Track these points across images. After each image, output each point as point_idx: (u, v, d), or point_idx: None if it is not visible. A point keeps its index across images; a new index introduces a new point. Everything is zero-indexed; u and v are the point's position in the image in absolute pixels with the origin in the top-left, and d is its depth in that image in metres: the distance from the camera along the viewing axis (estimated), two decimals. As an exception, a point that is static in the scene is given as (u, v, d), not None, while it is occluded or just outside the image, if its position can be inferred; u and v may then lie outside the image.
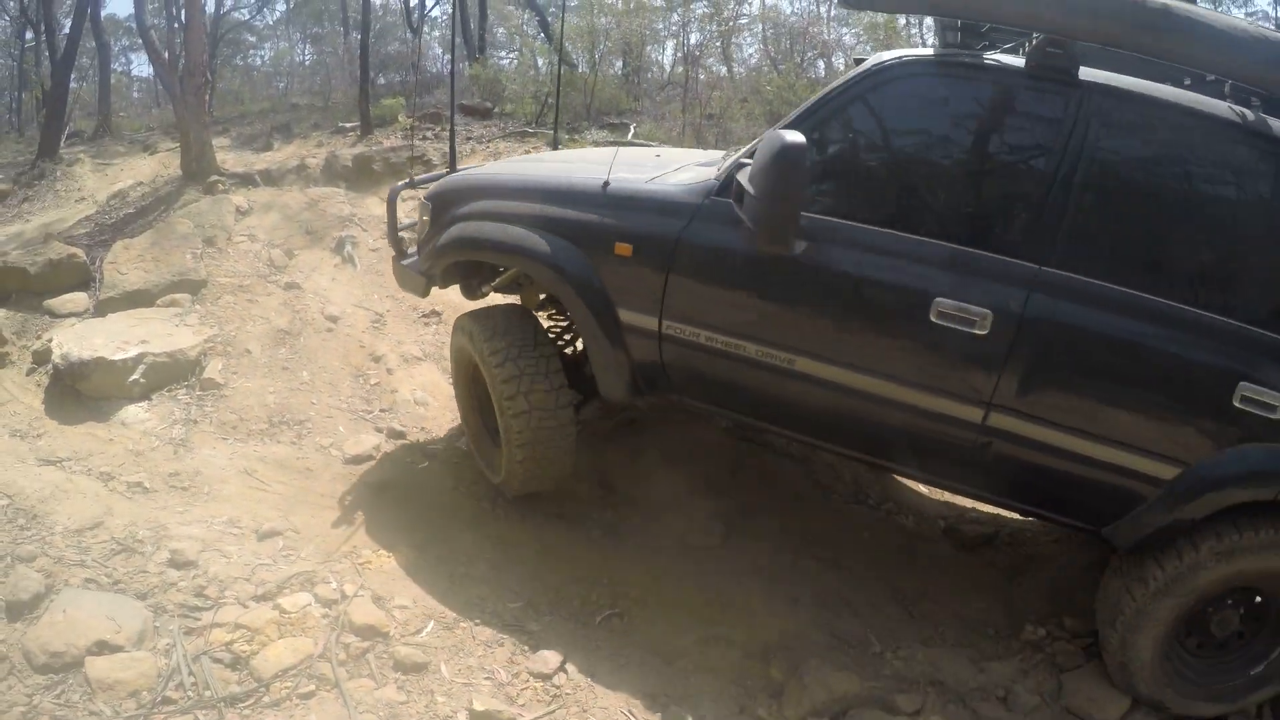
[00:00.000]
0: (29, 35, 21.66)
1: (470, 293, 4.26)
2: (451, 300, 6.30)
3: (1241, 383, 2.66)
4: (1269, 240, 2.75)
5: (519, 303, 4.11)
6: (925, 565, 4.28)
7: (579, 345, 4.03)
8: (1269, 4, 20.12)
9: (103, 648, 2.87)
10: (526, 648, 3.30)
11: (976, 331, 2.80)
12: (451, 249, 3.65)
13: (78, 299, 6.59)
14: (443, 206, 3.77)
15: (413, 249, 4.25)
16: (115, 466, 4.39)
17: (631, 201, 3.25)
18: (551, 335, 4.03)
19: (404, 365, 5.71)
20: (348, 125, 12.84)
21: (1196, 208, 2.84)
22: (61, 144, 14.84)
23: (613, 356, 3.38)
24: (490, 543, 3.99)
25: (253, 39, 31.89)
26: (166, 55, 10.48)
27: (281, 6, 30.67)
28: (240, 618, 3.12)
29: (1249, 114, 2.73)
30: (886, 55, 3.02)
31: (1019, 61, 2.93)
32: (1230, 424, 2.72)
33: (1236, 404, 2.68)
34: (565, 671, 3.20)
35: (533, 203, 3.42)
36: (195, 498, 4.13)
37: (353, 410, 5.20)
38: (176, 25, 12.71)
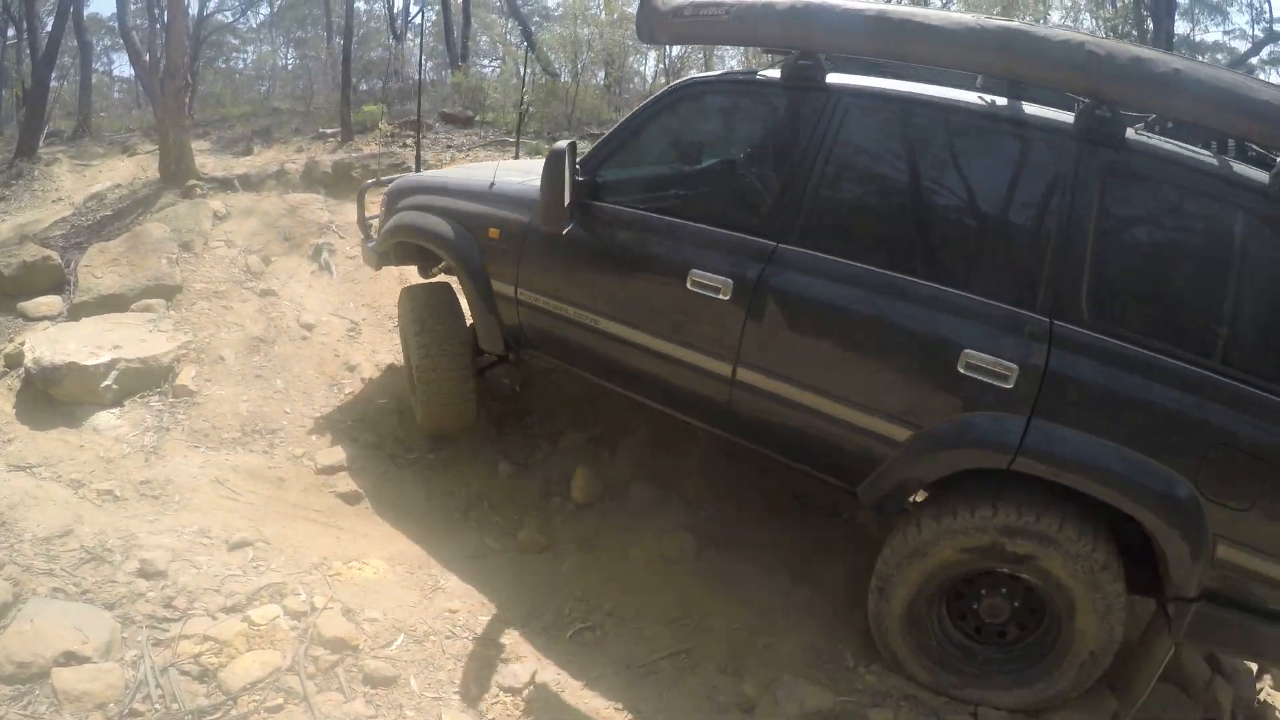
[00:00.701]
0: (10, 32, 21.39)
1: (424, 272, 5.08)
2: None
3: (965, 350, 2.83)
4: (994, 217, 3.04)
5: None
6: None
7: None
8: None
9: (70, 659, 2.85)
10: (497, 661, 3.32)
11: (720, 297, 3.25)
12: (391, 233, 4.51)
13: (52, 302, 6.56)
14: (393, 200, 4.65)
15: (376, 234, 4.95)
16: (86, 473, 4.37)
17: (503, 198, 4.03)
18: None
19: (379, 375, 5.69)
20: (328, 131, 12.79)
21: (928, 189, 3.17)
22: (40, 143, 14.63)
23: (488, 319, 4.13)
24: (463, 556, 4.01)
25: (236, 42, 31.75)
26: (148, 57, 10.39)
27: (265, 10, 30.56)
28: (209, 630, 3.11)
29: (995, 100, 3.00)
30: (683, 80, 3.80)
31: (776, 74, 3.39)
32: (956, 391, 2.87)
33: (961, 370, 2.84)
34: (536, 686, 3.21)
35: (446, 198, 4.26)
36: (166, 506, 4.12)
37: (326, 420, 5.18)
38: (158, 26, 12.63)
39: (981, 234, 3.06)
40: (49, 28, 15.60)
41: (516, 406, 5.51)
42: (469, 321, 4.44)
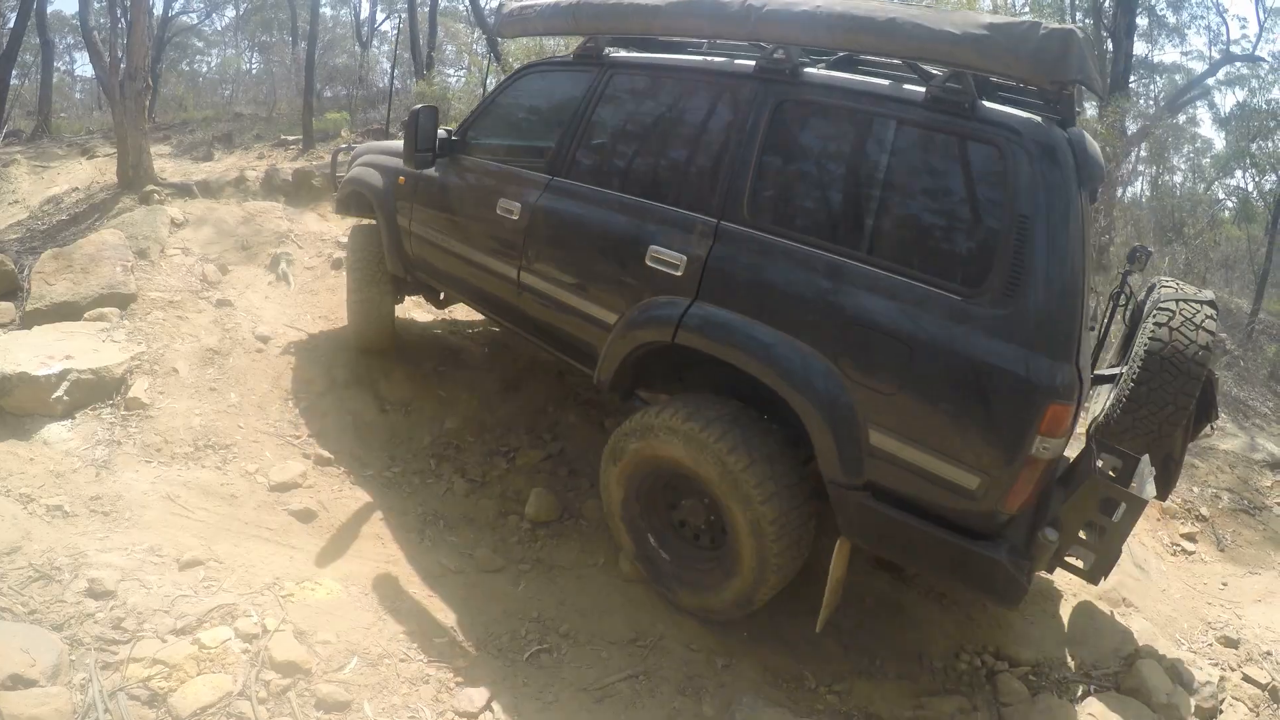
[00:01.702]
0: None
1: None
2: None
3: (651, 246, 3.44)
4: (691, 144, 3.63)
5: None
6: (860, 596, 4.30)
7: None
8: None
9: (16, 682, 2.80)
10: (452, 685, 3.31)
11: (513, 218, 4.09)
12: (344, 184, 5.68)
13: (3, 309, 6.41)
14: (351, 160, 5.82)
15: None
16: (35, 488, 4.28)
17: None
18: None
19: (335, 389, 5.65)
20: (290, 138, 12.73)
21: (673, 131, 3.78)
22: None
23: (394, 248, 5.10)
24: (418, 577, 4.00)
25: (200, 44, 31.46)
26: (108, 57, 10.20)
27: (231, 13, 30.31)
28: (158, 652, 3.08)
29: (717, 61, 3.64)
30: (525, 63, 4.94)
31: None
32: (644, 280, 3.46)
33: (648, 263, 3.44)
34: (491, 710, 3.21)
35: (382, 156, 5.33)
36: (116, 523, 4.06)
37: (281, 435, 5.15)
38: (121, 25, 12.43)
39: (681, 158, 3.68)
40: (10, 24, 15.33)
41: (474, 420, 5.51)
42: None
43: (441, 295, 5.56)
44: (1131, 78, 16.92)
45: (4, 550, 3.55)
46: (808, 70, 3.28)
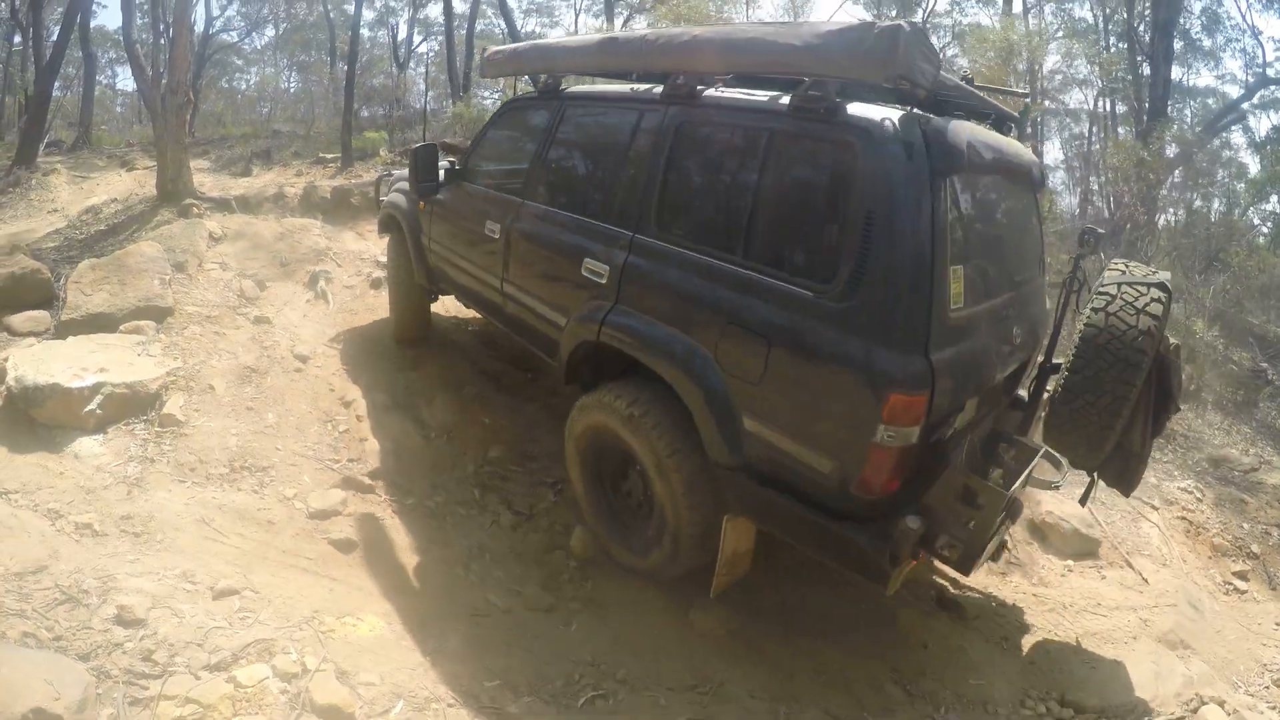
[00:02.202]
0: (16, 39, 21.30)
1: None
2: (427, 354, 6.18)
3: (585, 259, 3.84)
4: (616, 164, 3.94)
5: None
6: (923, 639, 4.15)
7: None
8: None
9: (40, 716, 2.58)
10: (505, 734, 3.07)
11: (496, 237, 4.60)
12: (381, 208, 6.33)
13: (39, 318, 6.31)
14: (387, 186, 6.48)
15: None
16: (64, 504, 4.12)
17: None
18: None
19: (375, 412, 5.46)
20: (328, 156, 12.69)
21: (605, 155, 4.16)
22: (40, 153, 14.50)
23: (420, 261, 5.65)
24: (464, 614, 3.77)
25: (240, 62, 31.97)
26: (150, 71, 10.21)
27: (270, 32, 30.61)
28: (191, 690, 2.86)
29: (640, 89, 4.03)
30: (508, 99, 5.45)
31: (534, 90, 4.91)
32: (582, 287, 3.85)
33: (583, 273, 3.84)
34: (544, 764, 2.97)
35: (405, 183, 5.86)
36: (147, 545, 3.86)
37: (319, 458, 4.95)
38: (163, 41, 12.53)
39: (607, 177, 4.02)
40: (55, 36, 15.46)
41: (518, 449, 5.29)
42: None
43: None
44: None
45: (30, 569, 3.37)
46: (705, 93, 3.60)
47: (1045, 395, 3.80)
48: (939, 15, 28.34)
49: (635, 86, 4.12)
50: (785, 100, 3.20)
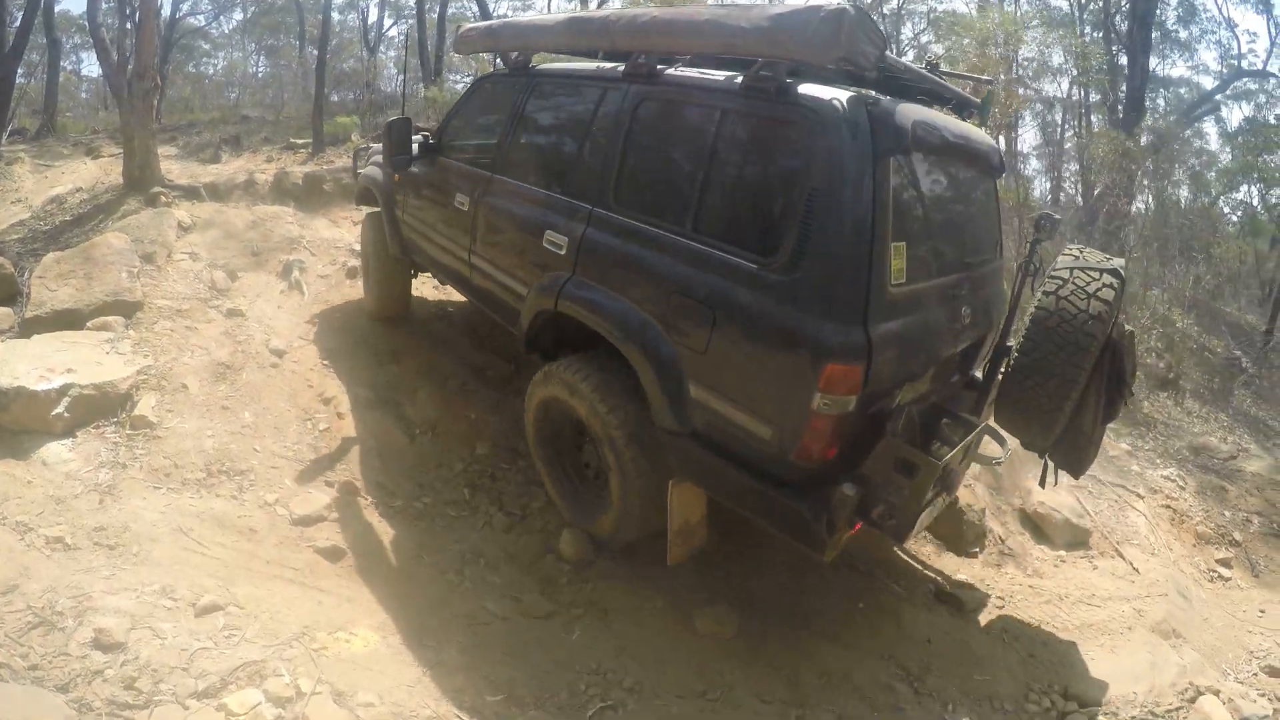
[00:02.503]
0: None
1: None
2: (409, 346, 6.06)
3: (546, 230, 3.93)
4: (579, 139, 4.04)
5: None
6: (925, 634, 4.10)
7: None
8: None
9: (16, 758, 2.41)
10: (514, 752, 2.92)
11: (464, 209, 4.72)
12: (358, 180, 6.41)
13: (2, 315, 6.05)
14: (365, 159, 6.56)
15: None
16: (33, 515, 3.89)
17: None
18: None
19: (357, 409, 5.27)
20: (299, 142, 12.38)
21: (570, 131, 4.24)
22: (2, 141, 14.16)
23: (394, 233, 5.69)
24: (461, 622, 3.61)
25: (207, 46, 31.25)
26: (116, 56, 9.86)
27: (238, 16, 30.02)
28: (179, 721, 2.68)
29: (604, 67, 4.16)
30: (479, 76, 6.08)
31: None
32: (542, 259, 3.94)
33: (544, 245, 3.92)
34: (557, 779, 2.82)
35: (381, 157, 5.83)
36: (123, 558, 3.65)
37: (300, 459, 4.76)
38: (129, 25, 12.28)
39: (570, 153, 4.10)
40: (18, 22, 15.08)
41: (507, 445, 5.13)
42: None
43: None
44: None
45: (0, 589, 3.16)
46: (665, 72, 3.69)
47: (997, 376, 3.83)
48: (913, 0, 28.54)
49: (600, 65, 4.28)
50: (739, 80, 3.28)
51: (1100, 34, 17.74)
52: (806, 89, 3.06)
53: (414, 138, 5.40)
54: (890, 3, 26.88)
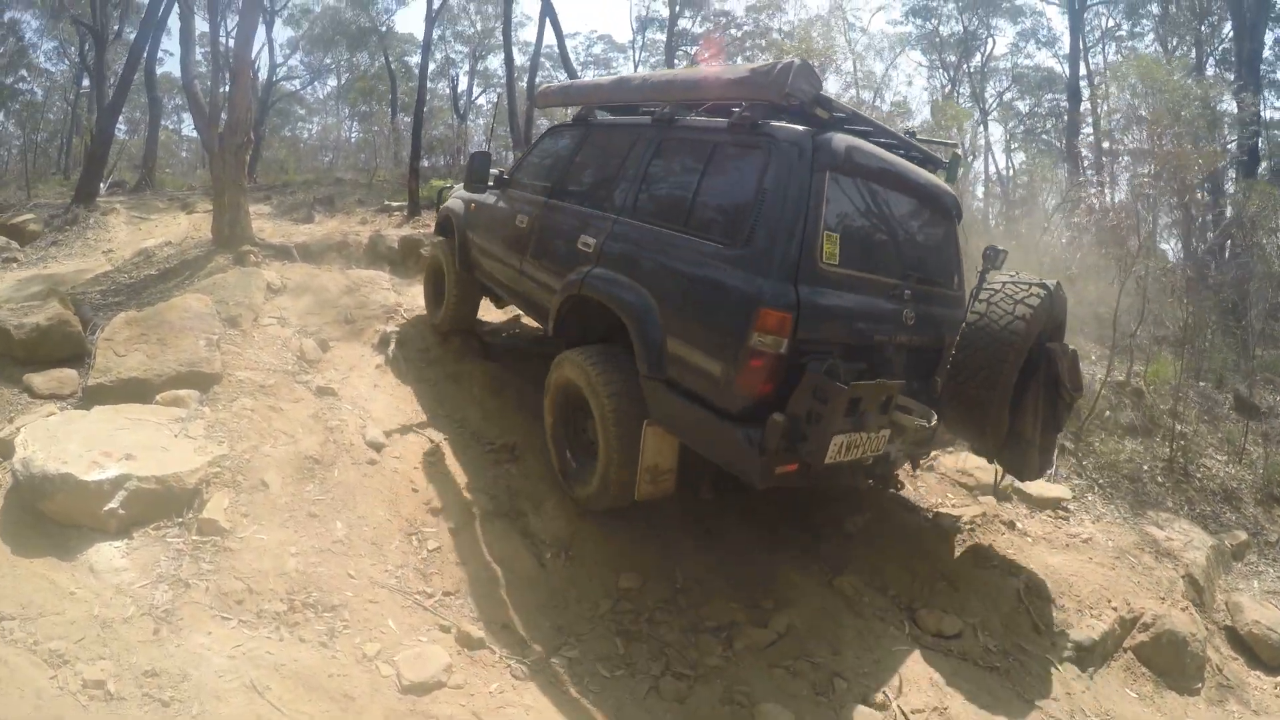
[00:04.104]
0: (85, 83, 21.68)
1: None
2: (529, 439, 5.12)
3: (581, 235, 4.61)
4: (614, 169, 4.78)
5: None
6: None
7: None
8: None
9: None
10: None
11: (524, 227, 5.43)
12: (439, 212, 7.23)
13: (65, 378, 5.29)
14: (449, 194, 7.27)
15: None
16: (72, 643, 3.06)
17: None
18: None
19: (472, 523, 4.25)
20: (394, 204, 11.86)
21: (614, 166, 4.82)
22: (102, 192, 14.63)
23: (463, 253, 6.39)
24: None
25: (302, 112, 32.15)
26: (209, 108, 9.42)
27: (332, 82, 30.54)
28: None
29: (640, 117, 5.00)
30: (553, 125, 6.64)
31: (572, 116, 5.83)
32: (577, 258, 4.58)
33: (579, 247, 4.58)
34: None
35: (463, 194, 6.74)
36: (178, 722, 2.66)
37: (406, 591, 3.73)
38: (224, 79, 12.23)
39: (608, 179, 4.80)
40: (118, 79, 15.25)
41: (660, 573, 4.11)
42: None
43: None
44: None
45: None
46: (681, 119, 4.51)
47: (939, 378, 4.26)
48: (996, 59, 28.14)
49: (640, 115, 5.07)
50: (725, 121, 4.15)
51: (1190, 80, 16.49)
52: (773, 124, 3.90)
53: (491, 172, 6.00)
54: (975, 60, 27.03)
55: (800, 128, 3.81)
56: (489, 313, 7.40)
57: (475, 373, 5.97)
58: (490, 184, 5.95)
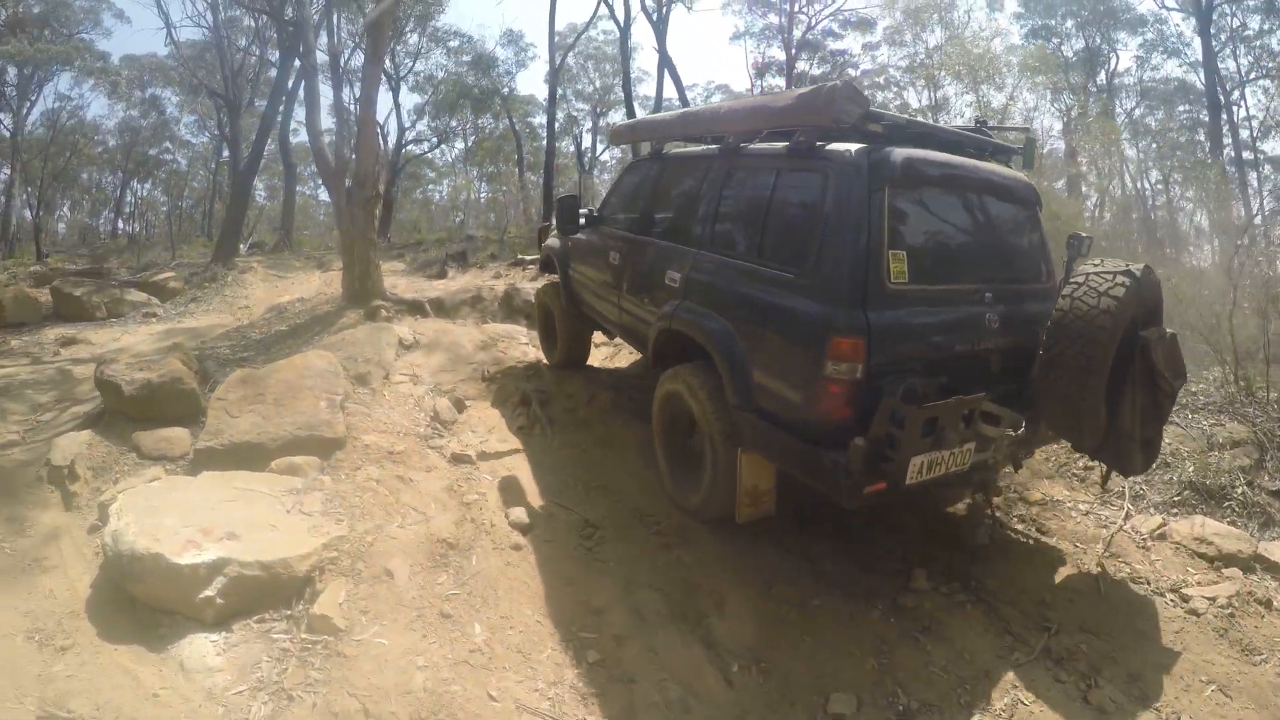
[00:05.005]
0: (225, 153, 23.14)
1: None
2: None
3: (667, 271, 4.70)
4: (691, 202, 4.83)
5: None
6: None
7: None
8: None
9: None
10: None
11: (615, 262, 5.48)
12: (541, 251, 7.46)
13: (176, 438, 4.84)
14: (548, 233, 7.24)
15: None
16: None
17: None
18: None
19: (641, 628, 3.40)
20: (527, 258, 11.50)
21: (689, 198, 4.90)
22: (242, 252, 15.33)
23: (567, 287, 6.50)
24: None
25: (432, 175, 33.20)
26: (334, 162, 9.19)
27: (460, 145, 31.32)
28: None
29: (714, 150, 4.90)
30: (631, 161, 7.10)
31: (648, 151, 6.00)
32: (665, 292, 4.68)
33: (666, 282, 4.68)
34: None
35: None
36: None
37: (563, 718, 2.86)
38: (349, 136, 12.40)
39: (684, 212, 4.91)
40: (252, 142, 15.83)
41: (879, 690, 3.17)
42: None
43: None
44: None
45: None
46: (747, 147, 4.53)
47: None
48: (1120, 75, 27.77)
49: (708, 147, 5.10)
50: (784, 145, 4.16)
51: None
52: (829, 146, 3.84)
53: (581, 211, 6.12)
54: (1099, 77, 27.01)
55: (855, 146, 3.76)
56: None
57: (628, 437, 5.12)
58: (582, 223, 6.10)
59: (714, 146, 4.99)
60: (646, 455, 4.81)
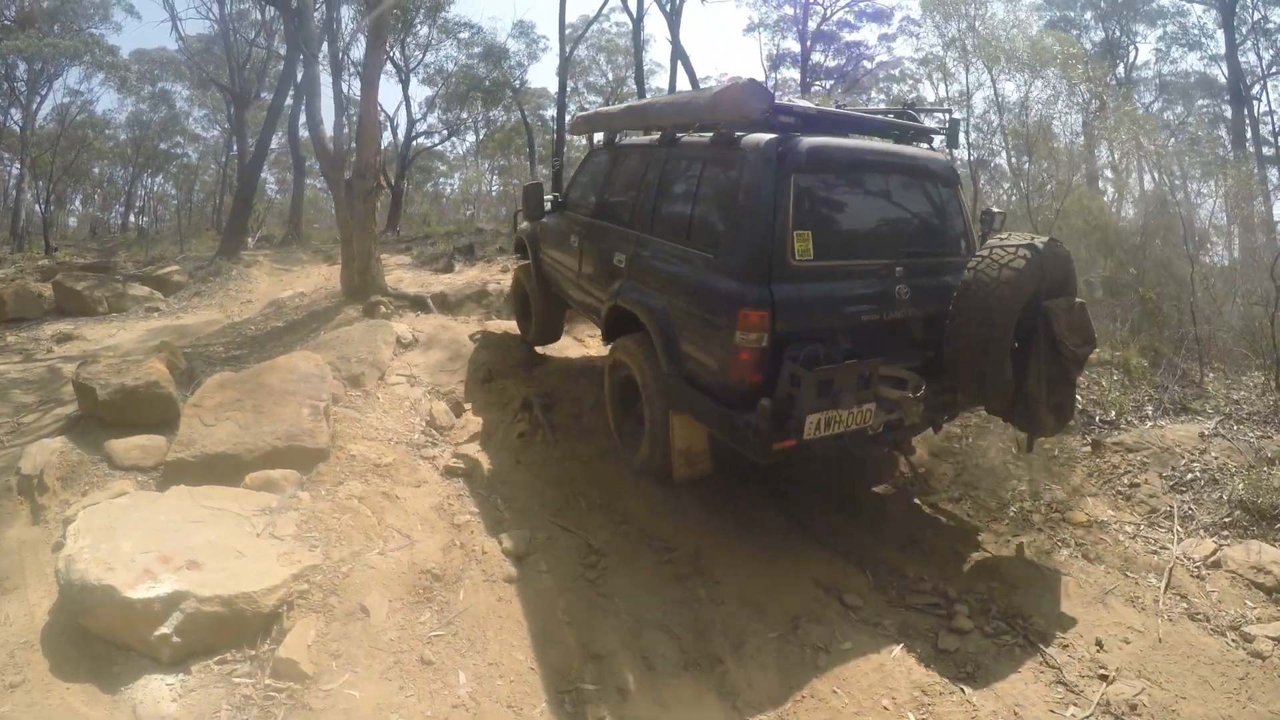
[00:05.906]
0: (234, 149, 23.25)
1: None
2: (718, 540, 3.99)
3: (615, 253, 4.97)
4: (634, 189, 5.12)
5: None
6: None
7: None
8: None
9: None
10: None
11: (574, 244, 5.77)
12: (516, 234, 7.52)
13: (151, 446, 4.53)
14: (519, 219, 7.74)
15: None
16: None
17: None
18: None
19: (651, 679, 3.01)
20: (535, 252, 11.05)
21: (634, 186, 5.18)
22: (250, 245, 15.20)
23: (537, 268, 6.75)
24: None
25: (443, 167, 32.67)
26: (333, 151, 8.83)
27: (470, 138, 30.94)
28: None
29: (651, 139, 5.23)
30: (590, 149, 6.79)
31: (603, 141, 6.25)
32: (614, 274, 4.93)
33: (615, 263, 4.93)
34: None
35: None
36: None
37: (557, 792, 2.50)
38: (352, 122, 12.04)
39: (630, 198, 5.17)
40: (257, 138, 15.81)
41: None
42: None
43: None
44: None
45: None
46: (681, 139, 4.82)
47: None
48: (1138, 68, 27.32)
49: (652, 138, 5.30)
50: (710, 136, 4.46)
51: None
52: (746, 137, 4.14)
53: (547, 198, 6.67)
54: (1118, 70, 26.04)
55: (767, 137, 4.04)
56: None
57: (636, 449, 4.77)
58: (548, 209, 6.59)
59: (655, 137, 5.32)
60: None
